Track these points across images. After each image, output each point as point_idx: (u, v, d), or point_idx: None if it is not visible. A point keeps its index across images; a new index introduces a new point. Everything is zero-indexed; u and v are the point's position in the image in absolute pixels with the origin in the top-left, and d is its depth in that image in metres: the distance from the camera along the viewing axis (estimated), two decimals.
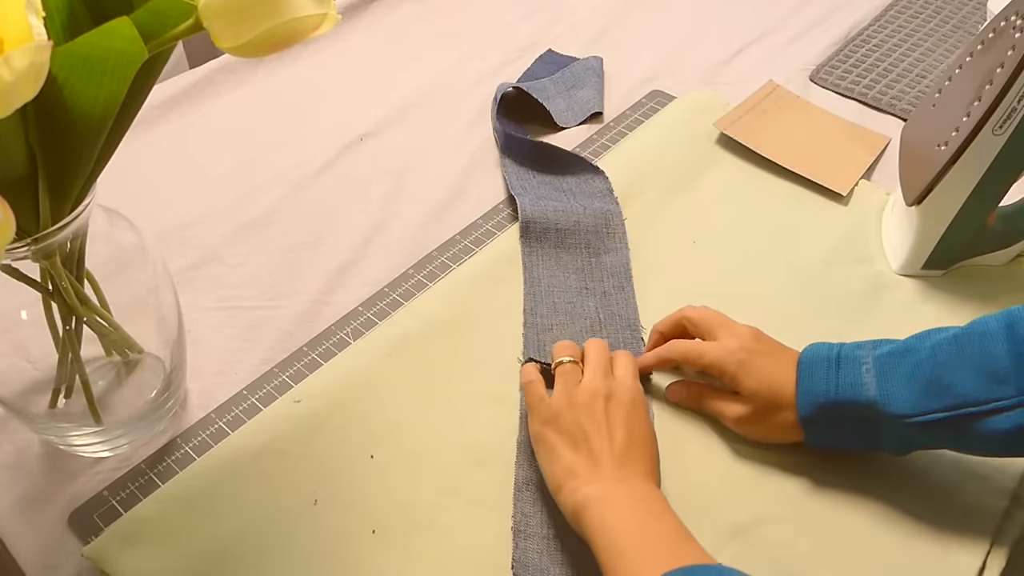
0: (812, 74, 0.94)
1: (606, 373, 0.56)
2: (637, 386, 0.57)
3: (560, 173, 0.79)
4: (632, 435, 0.53)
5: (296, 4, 0.40)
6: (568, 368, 0.57)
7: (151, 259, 0.54)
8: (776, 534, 0.54)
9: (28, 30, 0.33)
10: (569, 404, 0.54)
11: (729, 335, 0.59)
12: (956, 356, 0.50)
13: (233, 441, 0.58)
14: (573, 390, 0.55)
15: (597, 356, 0.58)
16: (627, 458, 0.52)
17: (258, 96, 0.90)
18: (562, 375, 0.57)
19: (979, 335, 0.50)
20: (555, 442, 0.53)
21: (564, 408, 0.54)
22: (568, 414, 0.54)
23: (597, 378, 0.56)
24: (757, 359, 0.57)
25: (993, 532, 0.54)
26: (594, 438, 0.52)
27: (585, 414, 0.53)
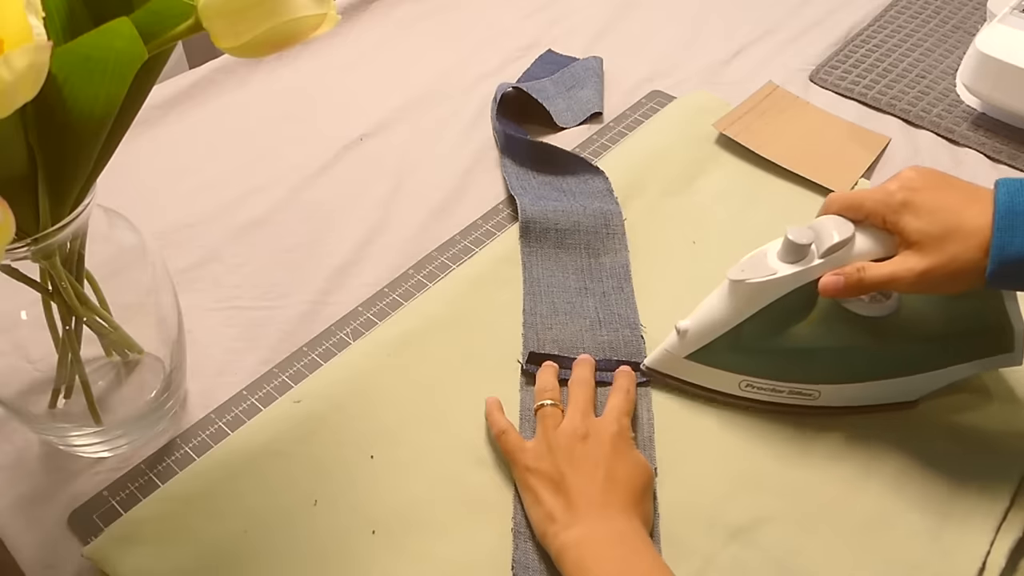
0: (812, 74, 0.94)
1: (585, 414, 0.56)
2: (620, 422, 0.56)
3: (560, 173, 0.79)
4: (612, 472, 0.52)
5: (296, 4, 0.40)
6: (548, 412, 0.56)
7: (151, 259, 0.54)
8: (776, 534, 0.54)
9: (28, 30, 0.33)
10: (548, 448, 0.54)
11: (891, 180, 0.55)
12: None
13: (233, 441, 0.58)
14: (552, 433, 0.55)
15: (578, 396, 0.57)
16: (607, 497, 0.51)
17: (258, 96, 0.90)
18: (542, 419, 0.56)
19: None
20: (536, 487, 0.53)
21: (543, 453, 0.54)
22: (547, 458, 0.53)
23: (575, 419, 0.55)
24: (924, 195, 0.52)
25: (992, 533, 0.54)
26: (572, 480, 0.52)
27: (563, 457, 0.53)
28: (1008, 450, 0.58)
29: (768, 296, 0.57)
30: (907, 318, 0.59)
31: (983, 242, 0.50)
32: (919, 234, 0.52)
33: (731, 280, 0.57)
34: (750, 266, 0.57)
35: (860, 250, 0.55)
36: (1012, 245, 0.49)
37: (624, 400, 0.58)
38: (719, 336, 0.59)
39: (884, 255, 0.54)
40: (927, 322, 0.59)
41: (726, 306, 0.58)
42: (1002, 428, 0.60)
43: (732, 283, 0.57)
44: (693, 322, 0.59)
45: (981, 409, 0.61)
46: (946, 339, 0.59)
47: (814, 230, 0.56)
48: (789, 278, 0.56)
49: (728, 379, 0.60)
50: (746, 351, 0.59)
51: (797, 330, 0.59)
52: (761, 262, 0.57)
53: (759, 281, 0.56)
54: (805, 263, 0.56)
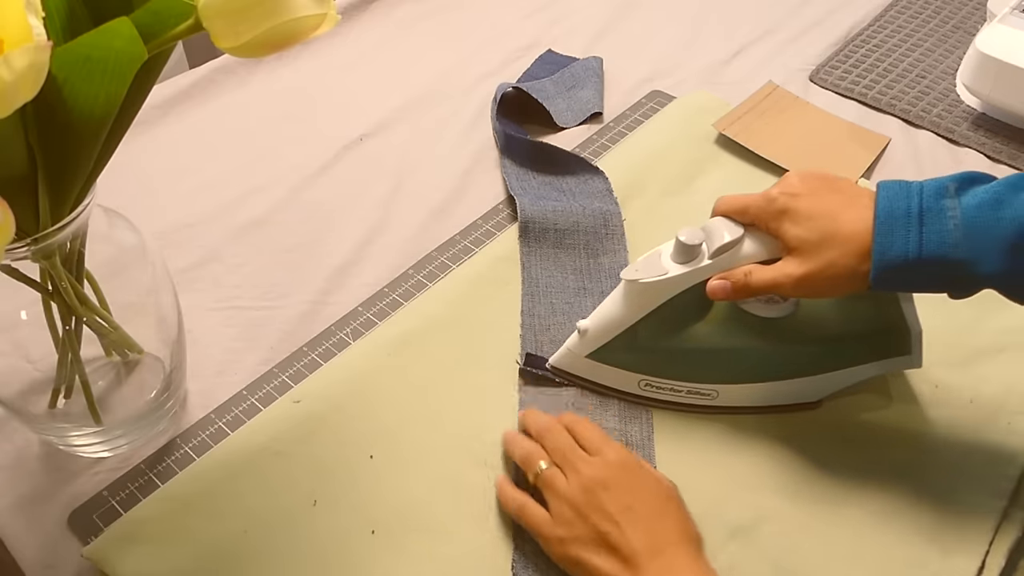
0: (812, 74, 0.94)
1: (583, 460, 0.53)
2: (615, 447, 0.54)
3: (560, 173, 0.79)
4: (648, 505, 0.50)
5: (296, 4, 0.40)
6: (548, 475, 0.53)
7: (151, 259, 0.54)
8: (775, 534, 0.54)
9: (28, 30, 0.33)
10: (574, 511, 0.50)
11: (774, 186, 0.55)
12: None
13: (233, 441, 0.58)
14: (567, 494, 0.51)
15: (558, 446, 0.54)
16: (657, 535, 0.49)
17: (258, 96, 0.90)
18: (548, 486, 0.52)
19: None
20: (581, 556, 0.49)
21: (572, 518, 0.50)
22: (578, 522, 0.50)
23: (579, 469, 0.52)
24: (802, 201, 0.53)
25: (992, 532, 0.54)
26: (615, 534, 0.49)
27: (594, 512, 0.50)
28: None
29: (661, 296, 0.57)
30: (804, 320, 0.59)
31: (861, 247, 0.50)
32: (797, 240, 0.52)
33: (625, 280, 0.58)
34: (644, 266, 0.57)
35: (749, 252, 0.55)
36: (892, 249, 0.49)
37: (585, 430, 0.55)
38: (617, 336, 0.59)
39: (773, 257, 0.55)
40: (824, 324, 0.59)
41: (622, 306, 0.58)
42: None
43: (626, 283, 0.58)
44: (592, 322, 0.59)
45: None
46: (844, 340, 0.59)
47: (705, 231, 0.56)
48: (680, 278, 0.56)
49: (628, 378, 0.60)
50: (644, 351, 0.59)
51: (694, 330, 0.59)
52: (655, 262, 0.57)
53: (651, 281, 0.56)
54: (695, 264, 0.56)
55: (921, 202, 0.50)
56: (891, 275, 0.50)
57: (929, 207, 0.49)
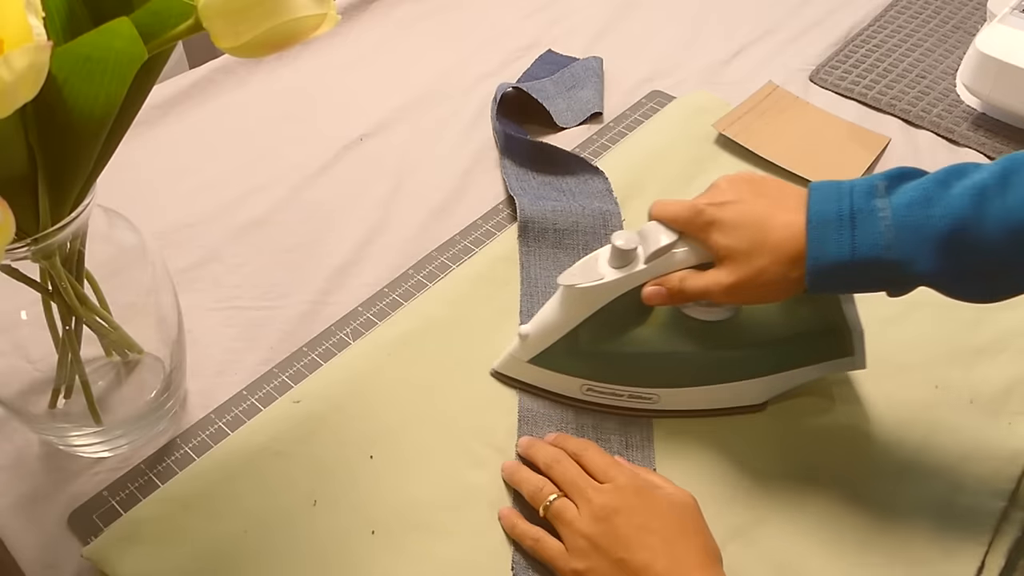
0: (812, 74, 0.94)
1: (592, 487, 0.52)
2: (625, 471, 0.53)
3: (560, 173, 0.79)
4: (665, 526, 0.49)
5: (296, 4, 0.40)
6: (558, 507, 0.52)
7: (151, 259, 0.54)
8: (775, 535, 0.54)
9: (28, 30, 0.33)
10: (589, 542, 0.49)
11: (703, 194, 0.55)
12: (986, 207, 0.46)
13: (233, 441, 0.58)
14: (580, 525, 0.50)
15: (567, 476, 0.53)
16: (678, 560, 0.48)
17: (258, 96, 0.90)
18: (558, 518, 0.51)
19: (1011, 182, 0.46)
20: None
21: (587, 549, 0.49)
22: (594, 553, 0.49)
23: (591, 498, 0.51)
24: (730, 210, 0.52)
25: (991, 533, 0.54)
26: (633, 561, 0.48)
27: (610, 542, 0.49)
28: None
29: (598, 300, 0.57)
30: (745, 323, 0.59)
31: (791, 253, 0.50)
32: (727, 250, 0.52)
33: (563, 285, 0.57)
34: (581, 271, 0.57)
35: (683, 257, 0.55)
36: (825, 253, 0.49)
37: (592, 458, 0.54)
38: (557, 340, 0.59)
39: (708, 261, 0.54)
40: (765, 326, 0.59)
41: (561, 311, 0.58)
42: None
43: (564, 288, 0.58)
44: (533, 327, 0.59)
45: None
46: (785, 343, 0.59)
47: (641, 235, 0.56)
48: (615, 283, 0.56)
49: (569, 383, 0.60)
50: (584, 355, 0.59)
51: (635, 334, 0.59)
52: (592, 267, 0.57)
53: (587, 286, 0.56)
54: (630, 268, 0.56)
55: (852, 203, 0.49)
56: (826, 278, 0.50)
57: (860, 208, 0.49)
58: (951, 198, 0.47)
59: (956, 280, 0.49)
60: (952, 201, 0.47)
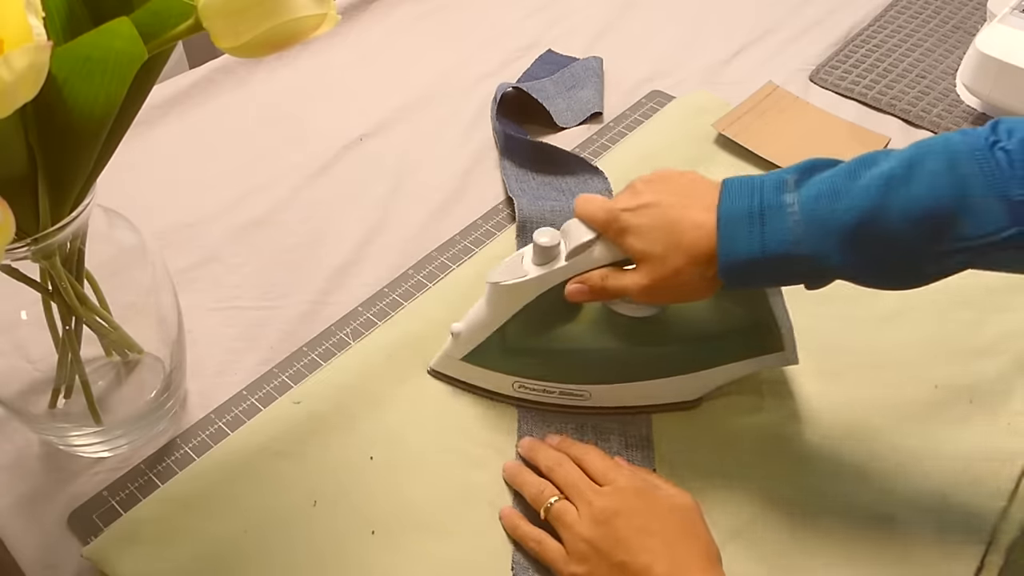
0: (812, 74, 0.94)
1: (593, 490, 0.52)
2: (625, 474, 0.53)
3: (559, 173, 0.79)
4: (665, 528, 0.49)
5: (296, 4, 0.40)
6: (558, 510, 0.52)
7: (151, 259, 0.54)
8: (774, 535, 0.54)
9: (28, 30, 0.33)
10: (589, 545, 0.49)
11: (619, 195, 0.55)
12: (891, 197, 0.46)
13: (233, 441, 0.58)
14: (580, 528, 0.50)
15: (567, 478, 0.53)
16: (678, 561, 0.48)
17: (258, 96, 0.90)
18: (559, 520, 0.52)
19: (916, 171, 0.46)
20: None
21: (588, 552, 0.49)
22: (594, 556, 0.49)
23: (590, 500, 0.51)
24: (643, 215, 0.52)
25: (991, 532, 0.54)
26: (633, 564, 0.48)
27: (610, 544, 0.49)
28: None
29: (523, 298, 0.57)
30: (673, 319, 0.59)
31: (705, 252, 0.50)
32: (642, 254, 0.52)
33: (488, 283, 0.58)
34: (506, 268, 0.57)
35: (604, 254, 0.55)
36: (736, 250, 0.49)
37: (593, 461, 0.54)
38: (487, 338, 0.59)
39: (627, 259, 0.54)
40: (693, 322, 0.59)
41: (488, 308, 0.58)
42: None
43: (490, 285, 0.58)
44: (464, 324, 0.60)
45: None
46: (713, 339, 0.59)
47: (563, 232, 0.56)
48: (538, 280, 0.56)
49: (501, 380, 0.60)
50: (514, 352, 0.59)
51: (564, 331, 0.59)
52: (516, 264, 0.57)
53: (511, 283, 0.56)
54: (552, 265, 0.56)
55: (762, 199, 0.49)
56: (739, 275, 0.50)
57: (769, 204, 0.49)
58: (857, 190, 0.47)
59: (868, 271, 0.49)
60: (858, 193, 0.47)
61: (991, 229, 0.44)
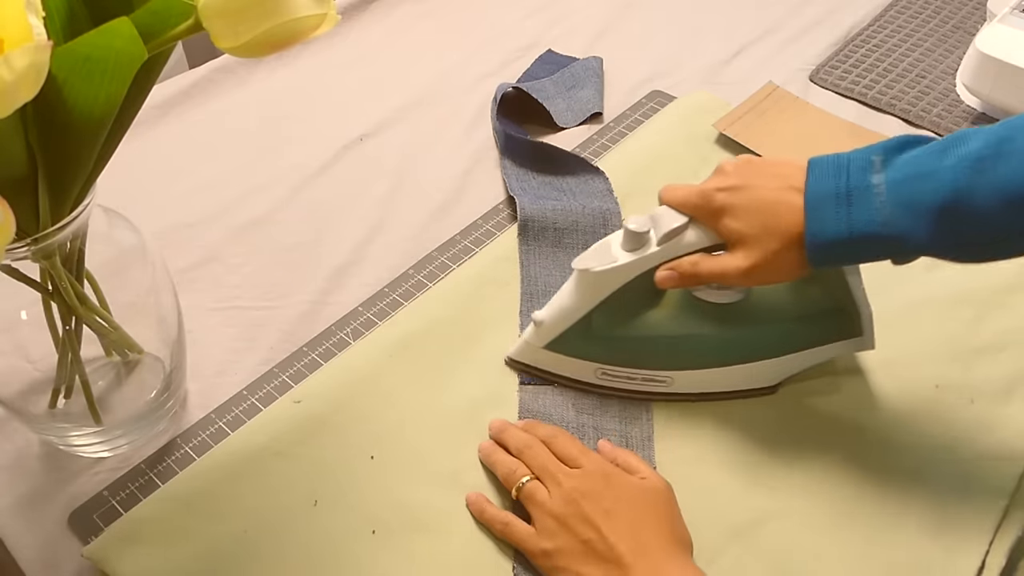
0: (812, 74, 0.94)
1: (563, 472, 0.53)
2: (593, 458, 0.54)
3: (560, 173, 0.79)
4: (630, 508, 0.50)
5: (296, 4, 0.40)
6: (530, 489, 0.53)
7: (151, 259, 0.54)
8: (776, 535, 0.54)
9: (28, 30, 0.33)
10: (557, 522, 0.50)
11: (710, 179, 0.55)
12: (980, 177, 0.46)
13: (233, 441, 0.58)
14: (550, 506, 0.51)
15: (537, 460, 0.54)
16: (640, 537, 0.49)
17: (258, 96, 0.90)
18: (530, 500, 0.52)
19: (1006, 149, 0.46)
20: (569, 567, 0.49)
21: (555, 528, 0.50)
22: (562, 532, 0.50)
23: (560, 481, 0.52)
24: (740, 195, 0.53)
25: (992, 532, 0.54)
26: (598, 541, 0.49)
27: (577, 521, 0.50)
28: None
29: (611, 284, 0.57)
30: (755, 304, 0.60)
31: (799, 233, 0.51)
32: (738, 235, 0.53)
33: (577, 269, 0.58)
34: (594, 255, 0.58)
35: (695, 239, 0.55)
36: (823, 231, 0.50)
37: (563, 444, 0.55)
38: (571, 325, 0.59)
39: (719, 243, 0.55)
40: (775, 308, 0.60)
41: (575, 296, 0.59)
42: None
43: (578, 272, 0.58)
44: (547, 312, 0.60)
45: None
46: (795, 324, 0.60)
47: (653, 219, 0.56)
48: (628, 266, 0.57)
49: (584, 367, 0.61)
50: (598, 339, 0.60)
51: (647, 317, 0.60)
52: (604, 251, 0.58)
53: (601, 270, 0.57)
54: (643, 251, 0.56)
55: (848, 180, 0.50)
56: (826, 254, 0.51)
57: (856, 185, 0.49)
58: (944, 171, 0.47)
59: (954, 249, 0.49)
60: (946, 173, 0.47)
61: None
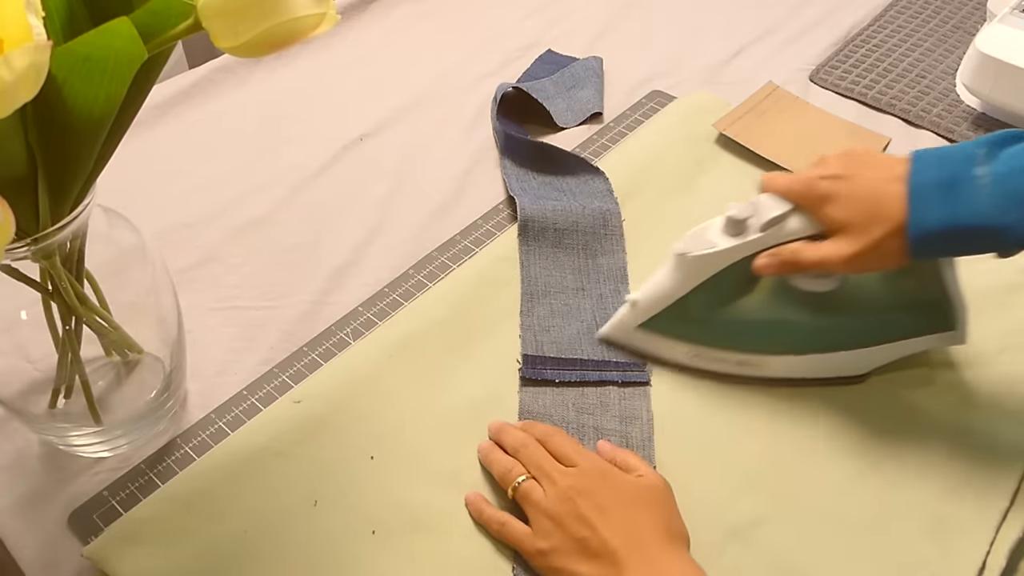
0: (812, 74, 0.94)
1: (558, 470, 0.53)
2: (589, 456, 0.54)
3: (560, 173, 0.79)
4: (625, 504, 0.51)
5: (295, 4, 0.40)
6: (526, 488, 0.53)
7: (151, 259, 0.54)
8: (775, 535, 0.54)
9: (28, 30, 0.33)
10: (552, 521, 0.51)
11: (813, 168, 0.56)
12: None
13: (233, 441, 0.58)
14: (545, 505, 0.51)
15: (533, 459, 0.54)
16: (634, 532, 0.49)
17: (258, 96, 0.90)
18: (526, 499, 0.53)
19: None
20: (565, 566, 0.49)
21: (551, 528, 0.50)
22: (557, 531, 0.50)
23: (555, 479, 0.52)
24: (844, 184, 0.54)
25: (992, 533, 0.54)
26: (593, 539, 0.49)
27: (572, 520, 0.50)
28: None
29: (709, 268, 0.58)
30: (849, 293, 0.60)
31: (902, 222, 0.51)
32: (842, 223, 0.54)
33: (675, 253, 0.59)
34: (693, 240, 0.59)
35: (796, 227, 0.56)
36: (926, 221, 0.51)
37: (559, 443, 0.55)
38: (667, 307, 0.60)
39: (820, 232, 0.56)
40: (869, 298, 0.60)
41: (672, 278, 0.60)
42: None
43: (676, 256, 0.59)
44: (643, 294, 0.61)
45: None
46: (888, 314, 0.60)
47: (754, 206, 0.57)
48: (728, 251, 0.57)
49: (677, 348, 0.62)
50: (693, 322, 0.60)
51: (743, 302, 0.61)
52: (703, 236, 0.59)
53: (700, 254, 0.58)
54: (743, 237, 0.57)
55: (952, 171, 0.50)
56: (928, 245, 0.51)
57: (960, 175, 0.50)
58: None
59: None
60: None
61: None
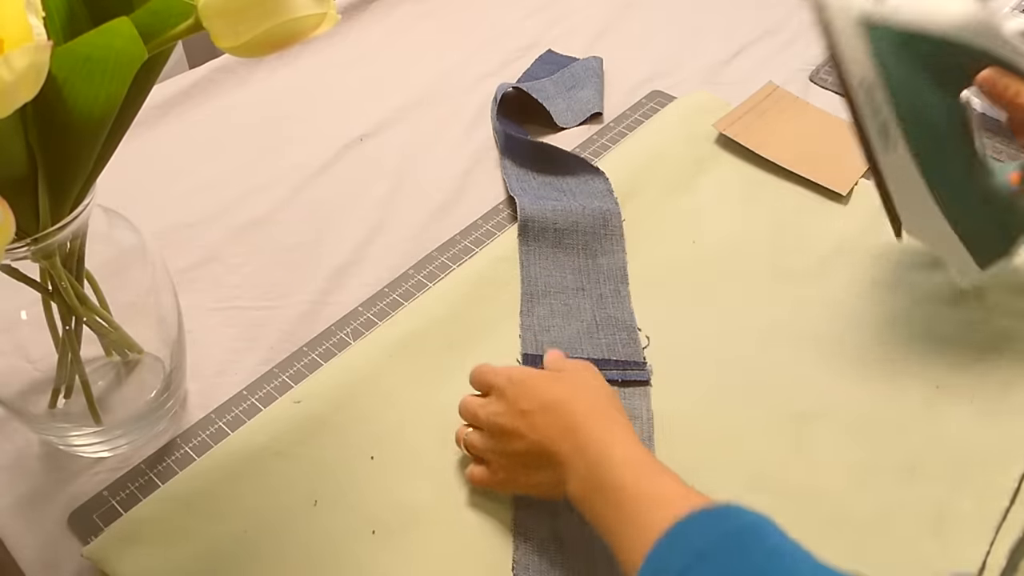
0: (812, 74, 0.94)
1: (478, 404, 0.55)
2: (501, 374, 0.55)
3: (560, 174, 0.79)
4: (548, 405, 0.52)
5: (295, 4, 0.40)
6: (470, 437, 0.56)
7: (151, 259, 0.54)
8: None
9: (28, 30, 0.33)
10: (495, 452, 0.54)
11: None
12: None
13: (233, 441, 0.58)
14: (484, 444, 0.54)
15: (465, 407, 0.57)
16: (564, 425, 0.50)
17: (258, 96, 0.90)
18: (472, 447, 0.56)
19: None
20: (527, 479, 0.53)
21: (497, 458, 0.54)
22: (503, 460, 0.53)
23: (480, 416, 0.55)
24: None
25: (992, 533, 0.54)
26: (531, 447, 0.51)
27: (506, 442, 0.53)
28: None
29: None
30: None
31: None
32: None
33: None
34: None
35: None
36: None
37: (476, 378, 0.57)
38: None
39: None
40: None
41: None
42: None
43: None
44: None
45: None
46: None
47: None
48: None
49: None
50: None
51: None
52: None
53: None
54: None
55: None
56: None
57: None
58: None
59: None
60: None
61: None
